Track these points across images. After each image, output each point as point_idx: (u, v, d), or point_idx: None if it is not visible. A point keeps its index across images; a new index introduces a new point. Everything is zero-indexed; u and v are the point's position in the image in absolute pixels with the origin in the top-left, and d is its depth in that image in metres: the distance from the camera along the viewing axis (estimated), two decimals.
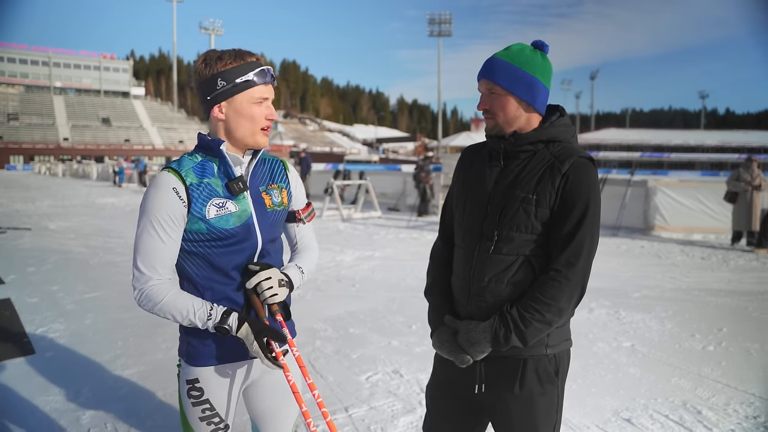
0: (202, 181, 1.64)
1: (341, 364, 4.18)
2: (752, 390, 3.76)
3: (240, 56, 1.63)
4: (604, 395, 3.66)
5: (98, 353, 4.35)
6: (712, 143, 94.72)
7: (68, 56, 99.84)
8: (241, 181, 1.67)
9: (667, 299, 6.23)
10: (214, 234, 1.63)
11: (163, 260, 1.62)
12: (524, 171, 1.66)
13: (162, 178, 1.62)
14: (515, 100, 1.67)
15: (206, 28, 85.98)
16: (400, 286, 6.73)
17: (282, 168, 1.83)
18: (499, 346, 1.62)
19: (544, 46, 1.70)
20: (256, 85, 1.63)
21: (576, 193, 1.60)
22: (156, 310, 1.63)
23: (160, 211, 1.59)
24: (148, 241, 1.62)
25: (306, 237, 1.92)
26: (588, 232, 1.60)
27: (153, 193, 1.61)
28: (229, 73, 1.60)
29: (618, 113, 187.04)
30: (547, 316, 1.59)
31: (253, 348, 1.61)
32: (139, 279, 1.63)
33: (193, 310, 1.61)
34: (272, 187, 1.77)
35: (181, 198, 1.60)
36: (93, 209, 16.67)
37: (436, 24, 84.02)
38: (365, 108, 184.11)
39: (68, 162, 59.04)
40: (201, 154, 1.69)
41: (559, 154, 1.65)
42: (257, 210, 1.71)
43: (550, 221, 1.63)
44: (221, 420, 1.75)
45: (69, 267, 7.81)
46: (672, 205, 11.66)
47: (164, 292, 1.62)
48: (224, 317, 1.61)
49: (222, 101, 1.63)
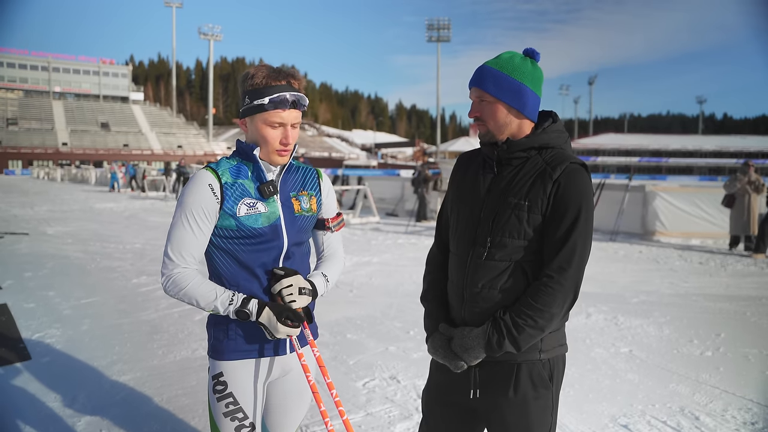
0: (236, 182, 1.76)
1: (338, 369, 4.17)
2: (750, 396, 3.75)
3: (269, 78, 1.70)
4: (601, 401, 3.66)
5: (95, 359, 4.34)
6: (710, 148, 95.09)
7: (67, 61, 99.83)
8: (271, 185, 1.77)
9: (665, 304, 6.23)
10: (243, 231, 1.73)
11: (191, 250, 1.72)
12: (516, 177, 1.68)
13: (200, 176, 1.74)
14: (504, 107, 1.68)
15: (205, 34, 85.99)
16: (398, 292, 6.72)
17: (315, 177, 1.93)
18: (493, 351, 1.63)
19: (534, 53, 1.71)
20: (269, 110, 1.70)
21: (567, 199, 1.61)
22: (181, 296, 1.72)
23: (194, 204, 1.71)
24: (180, 231, 1.72)
25: (333, 245, 1.99)
26: (580, 237, 1.61)
27: (191, 188, 1.73)
28: (252, 93, 1.71)
29: (616, 118, 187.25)
30: (540, 321, 1.60)
31: (278, 329, 1.69)
32: (167, 265, 1.73)
33: (215, 295, 1.71)
34: (302, 193, 1.87)
35: (215, 194, 1.71)
36: (91, 214, 16.65)
37: (435, 30, 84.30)
38: (364, 113, 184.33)
39: (67, 167, 59.02)
40: (238, 158, 1.81)
41: (551, 160, 1.66)
42: (285, 213, 1.81)
43: (543, 227, 1.64)
44: (245, 416, 1.80)
45: (66, 272, 7.79)
46: (670, 210, 11.67)
47: (190, 279, 1.71)
48: (245, 302, 1.70)
49: (245, 117, 1.76)
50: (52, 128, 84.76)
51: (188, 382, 3.90)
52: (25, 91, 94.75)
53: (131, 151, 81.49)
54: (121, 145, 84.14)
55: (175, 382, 3.91)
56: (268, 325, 1.69)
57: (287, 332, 1.70)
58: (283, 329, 1.69)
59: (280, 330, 1.69)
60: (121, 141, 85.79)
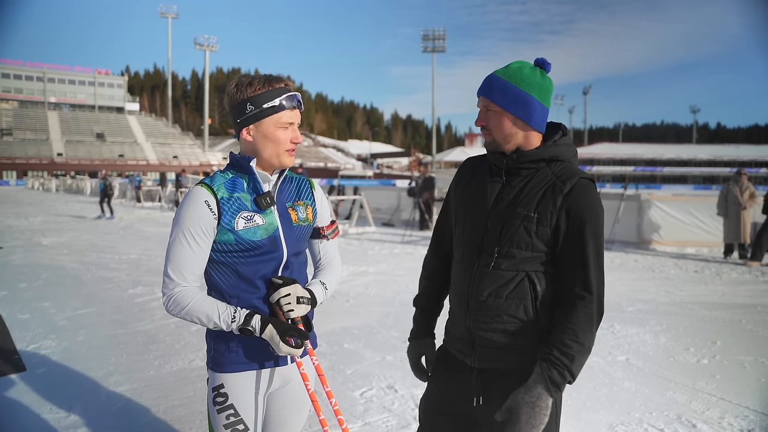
0: (232, 196, 1.75)
1: (335, 379, 4.16)
2: (747, 403, 3.76)
3: (269, 82, 1.72)
4: (599, 409, 3.66)
5: (91, 370, 4.32)
6: (704, 157, 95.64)
7: (63, 72, 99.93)
8: (268, 197, 1.77)
9: (661, 313, 6.25)
10: (242, 245, 1.73)
11: (192, 268, 1.72)
12: (525, 189, 1.67)
13: (196, 193, 1.72)
14: (510, 118, 1.68)
15: (201, 44, 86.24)
16: (395, 301, 6.72)
17: (308, 186, 1.94)
18: (558, 390, 1.59)
19: (545, 64, 1.71)
20: (282, 110, 1.72)
21: (583, 216, 1.62)
22: (183, 314, 1.71)
23: (192, 222, 1.69)
24: (179, 249, 1.71)
25: (329, 253, 2.00)
26: (599, 252, 1.63)
27: (187, 205, 1.71)
28: (257, 99, 1.71)
29: (611, 128, 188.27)
30: (586, 343, 1.60)
31: (280, 348, 1.68)
32: (168, 285, 1.72)
33: (217, 313, 1.69)
34: (298, 203, 1.87)
35: (212, 210, 1.70)
36: (86, 225, 16.60)
37: (430, 40, 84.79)
38: (360, 123, 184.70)
39: (62, 177, 58.85)
40: (232, 171, 1.80)
41: (560, 173, 1.66)
42: (283, 224, 1.80)
43: (554, 242, 1.64)
44: (246, 428, 1.79)
45: (61, 283, 7.76)
46: (665, 219, 11.73)
47: (191, 297, 1.70)
48: (248, 319, 1.69)
49: (250, 125, 1.73)
50: (47, 139, 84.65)
51: (185, 393, 3.88)
52: (20, 101, 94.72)
53: (126, 162, 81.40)
54: (117, 156, 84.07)
55: (171, 392, 3.90)
56: (271, 343, 1.69)
57: (289, 352, 1.69)
58: (285, 349, 1.68)
59: (283, 349, 1.68)
60: (116, 151, 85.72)
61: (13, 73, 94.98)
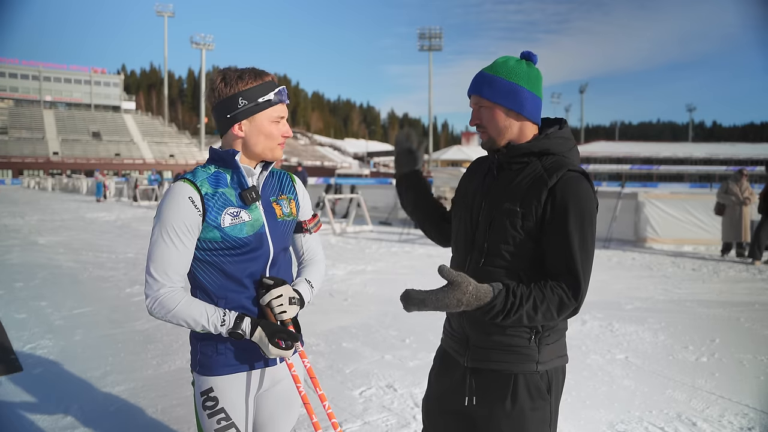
0: (216, 191, 1.68)
1: (334, 379, 4.15)
2: (746, 401, 3.76)
3: (259, 76, 1.68)
4: (598, 408, 3.65)
5: (88, 370, 4.29)
6: (700, 155, 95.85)
7: (59, 70, 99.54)
8: (254, 191, 1.72)
9: (659, 311, 6.25)
10: (228, 242, 1.67)
11: (176, 268, 1.64)
12: (513, 183, 1.66)
13: (178, 188, 1.65)
14: (502, 110, 1.67)
15: (197, 43, 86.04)
16: (393, 300, 6.67)
17: (289, 180, 1.90)
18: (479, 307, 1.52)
19: (531, 55, 1.70)
20: (275, 105, 1.69)
21: (566, 205, 1.57)
22: (169, 317, 1.64)
23: (175, 219, 1.62)
24: (162, 248, 1.63)
25: (312, 248, 1.96)
26: (583, 245, 1.58)
27: (169, 202, 1.64)
28: (250, 93, 1.66)
29: (607, 126, 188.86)
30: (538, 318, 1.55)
31: (269, 350, 1.64)
32: (152, 286, 1.64)
33: (206, 316, 1.63)
34: (282, 197, 1.83)
35: (196, 207, 1.64)
36: (83, 224, 16.53)
37: (427, 39, 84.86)
38: (356, 122, 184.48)
39: (58, 176, 58.67)
40: (214, 165, 1.74)
41: (549, 167, 1.63)
42: (269, 219, 1.76)
43: (541, 235, 1.60)
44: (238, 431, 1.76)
45: (58, 282, 7.72)
46: (662, 217, 11.74)
47: (177, 300, 1.63)
48: (237, 322, 1.64)
49: (242, 120, 1.68)
50: (43, 137, 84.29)
51: (183, 393, 3.86)
52: (16, 100, 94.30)
53: (123, 161, 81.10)
54: (113, 155, 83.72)
55: (169, 392, 3.88)
56: (260, 345, 1.65)
57: (279, 354, 1.65)
58: (274, 351, 1.64)
59: (272, 351, 1.64)
60: (112, 150, 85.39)
61: (9, 71, 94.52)
